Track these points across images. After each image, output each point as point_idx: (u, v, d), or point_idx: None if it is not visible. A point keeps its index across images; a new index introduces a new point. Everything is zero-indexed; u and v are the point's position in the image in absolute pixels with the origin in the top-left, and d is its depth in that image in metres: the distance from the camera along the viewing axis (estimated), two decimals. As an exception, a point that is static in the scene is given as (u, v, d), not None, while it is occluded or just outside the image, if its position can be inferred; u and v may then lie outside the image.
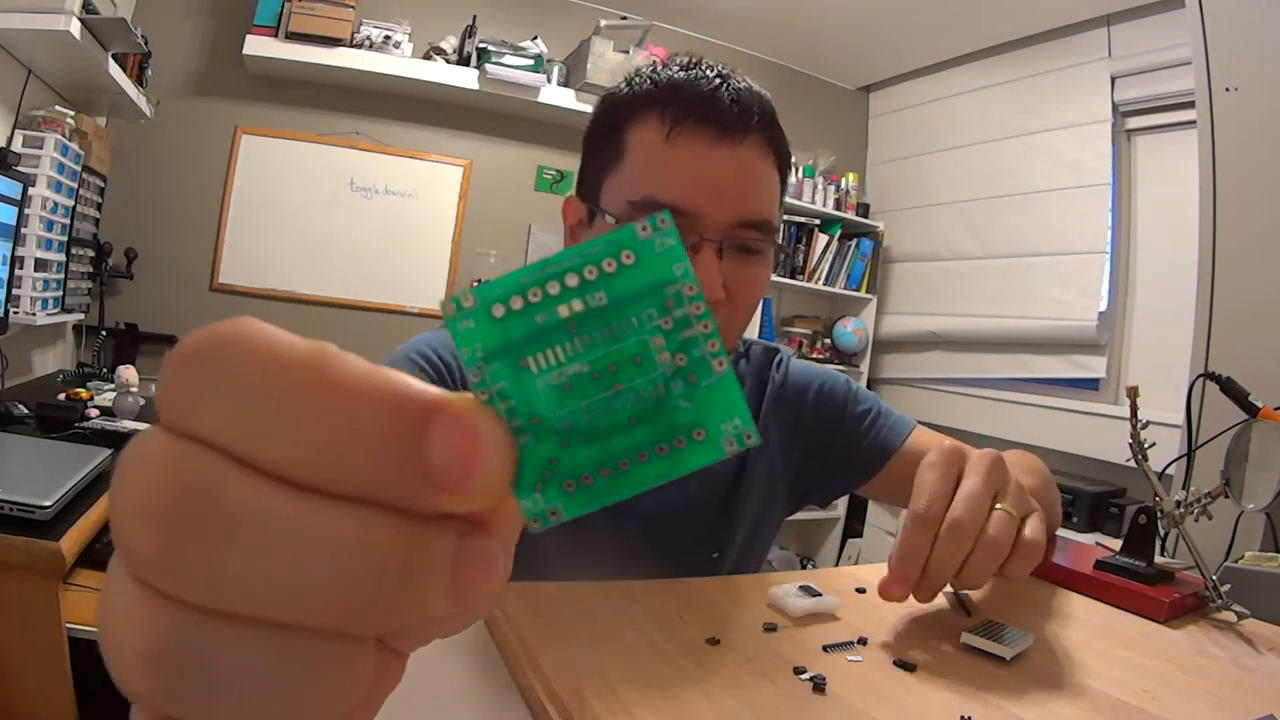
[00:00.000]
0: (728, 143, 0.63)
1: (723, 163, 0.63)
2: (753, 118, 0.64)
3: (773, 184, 0.67)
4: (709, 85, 0.64)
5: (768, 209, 0.66)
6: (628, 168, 0.65)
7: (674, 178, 0.63)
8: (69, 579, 1.16)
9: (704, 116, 0.63)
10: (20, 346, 2.09)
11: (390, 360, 0.69)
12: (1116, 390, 2.71)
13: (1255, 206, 1.44)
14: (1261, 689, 0.47)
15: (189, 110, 2.75)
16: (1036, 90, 2.97)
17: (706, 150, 0.63)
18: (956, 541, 0.47)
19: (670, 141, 0.63)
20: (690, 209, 0.62)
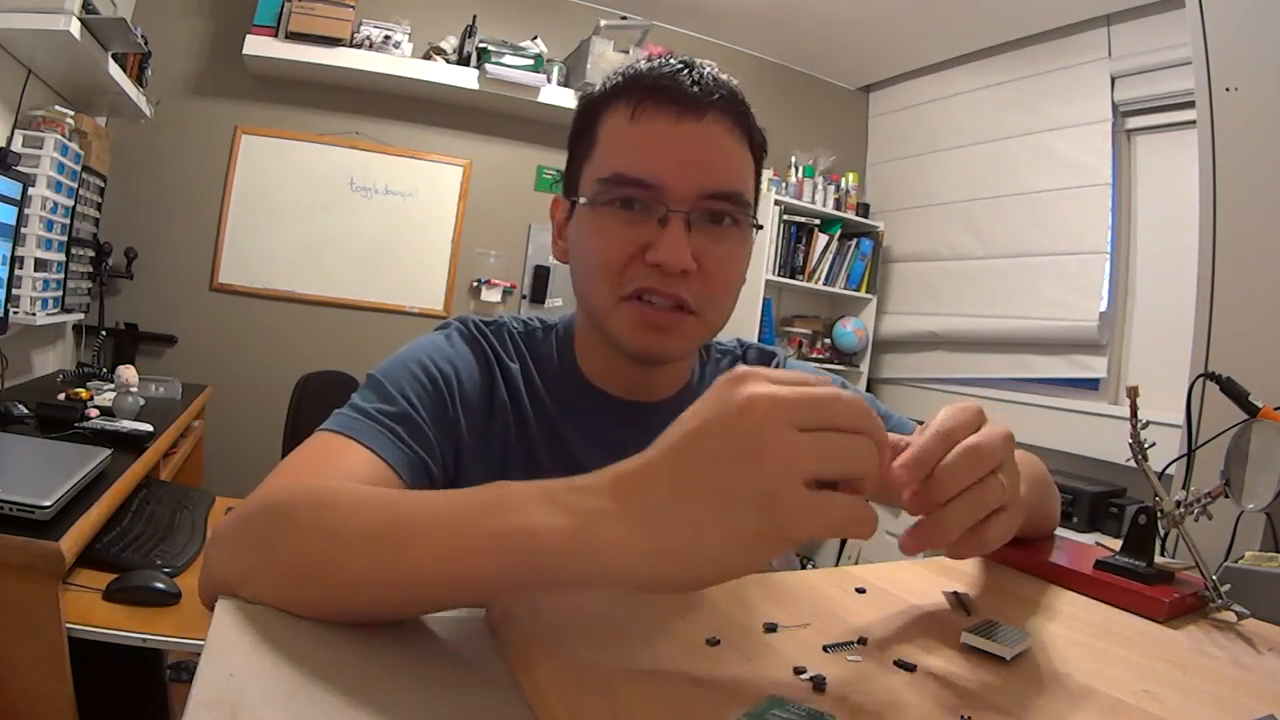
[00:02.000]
0: (690, 117, 0.65)
1: (686, 136, 0.65)
2: (713, 94, 0.66)
3: (741, 159, 0.68)
4: (670, 69, 0.66)
5: (737, 182, 0.67)
6: (599, 153, 0.68)
7: (639, 152, 0.65)
8: (69, 579, 1.16)
9: (666, 95, 0.65)
10: (20, 346, 2.09)
11: (390, 367, 0.68)
12: (1117, 390, 2.72)
13: (1255, 206, 1.44)
14: (1261, 689, 0.47)
15: (189, 110, 2.75)
16: (1036, 90, 2.97)
17: (670, 125, 0.65)
18: (968, 462, 0.45)
19: (634, 120, 0.65)
20: (655, 181, 0.64)
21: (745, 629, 0.48)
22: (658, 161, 0.64)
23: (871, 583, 0.60)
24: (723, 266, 0.67)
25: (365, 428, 0.62)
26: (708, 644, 0.44)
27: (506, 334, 0.77)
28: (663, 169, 0.64)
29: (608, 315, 0.67)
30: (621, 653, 0.42)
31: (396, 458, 0.61)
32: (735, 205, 0.67)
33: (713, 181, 0.65)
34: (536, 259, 3.22)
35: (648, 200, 0.64)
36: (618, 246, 0.65)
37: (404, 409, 0.64)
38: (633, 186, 0.65)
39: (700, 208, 0.65)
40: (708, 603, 0.52)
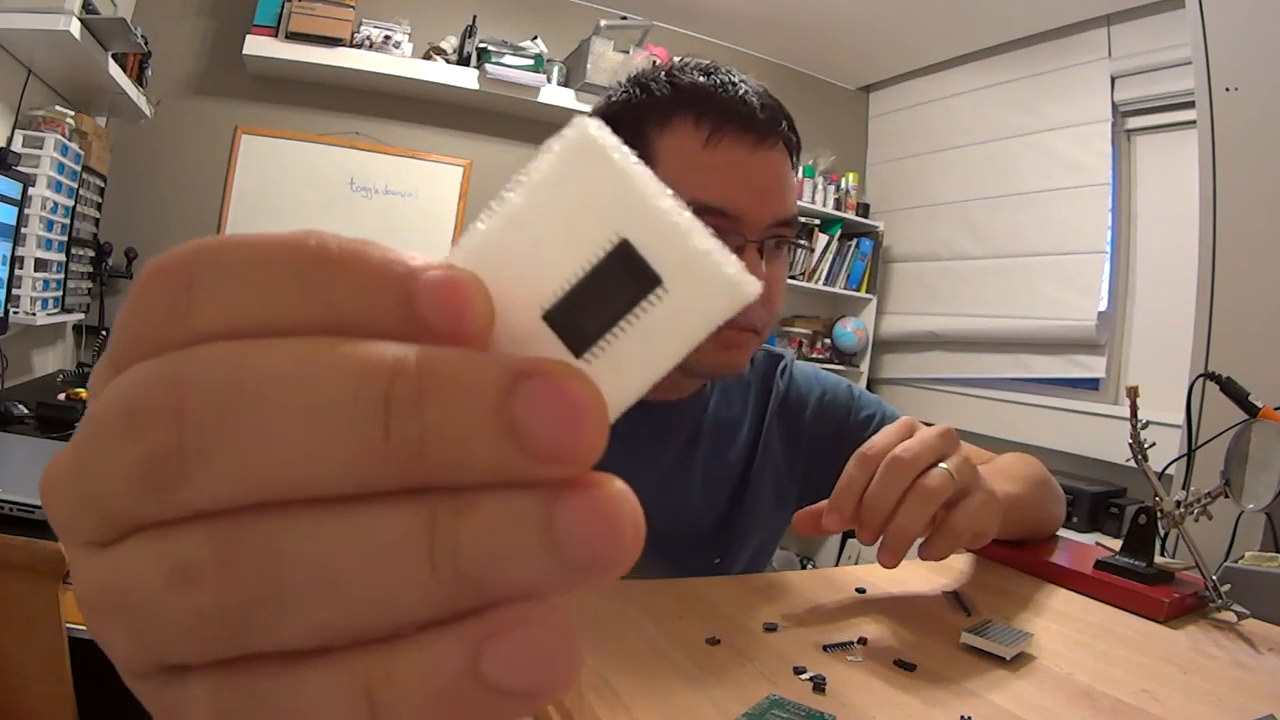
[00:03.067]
0: (765, 146, 0.66)
1: (761, 166, 0.66)
2: (780, 123, 0.67)
3: (793, 182, 0.71)
4: (736, 91, 0.66)
5: (794, 206, 0.70)
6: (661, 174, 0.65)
7: (717, 181, 0.65)
8: (69, 579, 1.16)
9: (743, 123, 0.65)
10: (20, 346, 2.09)
11: None
12: (1116, 390, 2.72)
13: (1255, 206, 1.44)
14: (1261, 689, 0.47)
15: (189, 110, 2.75)
16: (1036, 90, 2.97)
17: (748, 154, 0.65)
18: (891, 476, 0.47)
19: (710, 146, 0.65)
20: (735, 211, 0.65)
21: (745, 629, 0.48)
22: (738, 191, 0.65)
23: (871, 583, 0.60)
24: (778, 287, 0.71)
25: None
26: (708, 644, 0.44)
27: None
28: (743, 199, 0.65)
29: None
30: (621, 653, 0.42)
31: None
32: (793, 229, 0.69)
33: (782, 210, 0.67)
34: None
35: (725, 229, 0.65)
36: None
37: None
38: (712, 215, 0.64)
39: (769, 235, 0.66)
40: (708, 603, 0.52)
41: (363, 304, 0.13)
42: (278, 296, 0.12)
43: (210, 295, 0.13)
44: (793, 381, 0.85)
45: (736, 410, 0.81)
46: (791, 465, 0.83)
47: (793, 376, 0.85)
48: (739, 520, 0.78)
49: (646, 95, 0.68)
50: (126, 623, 0.13)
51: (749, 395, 0.83)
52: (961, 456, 0.53)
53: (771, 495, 0.80)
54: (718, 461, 0.78)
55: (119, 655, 0.14)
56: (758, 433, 0.81)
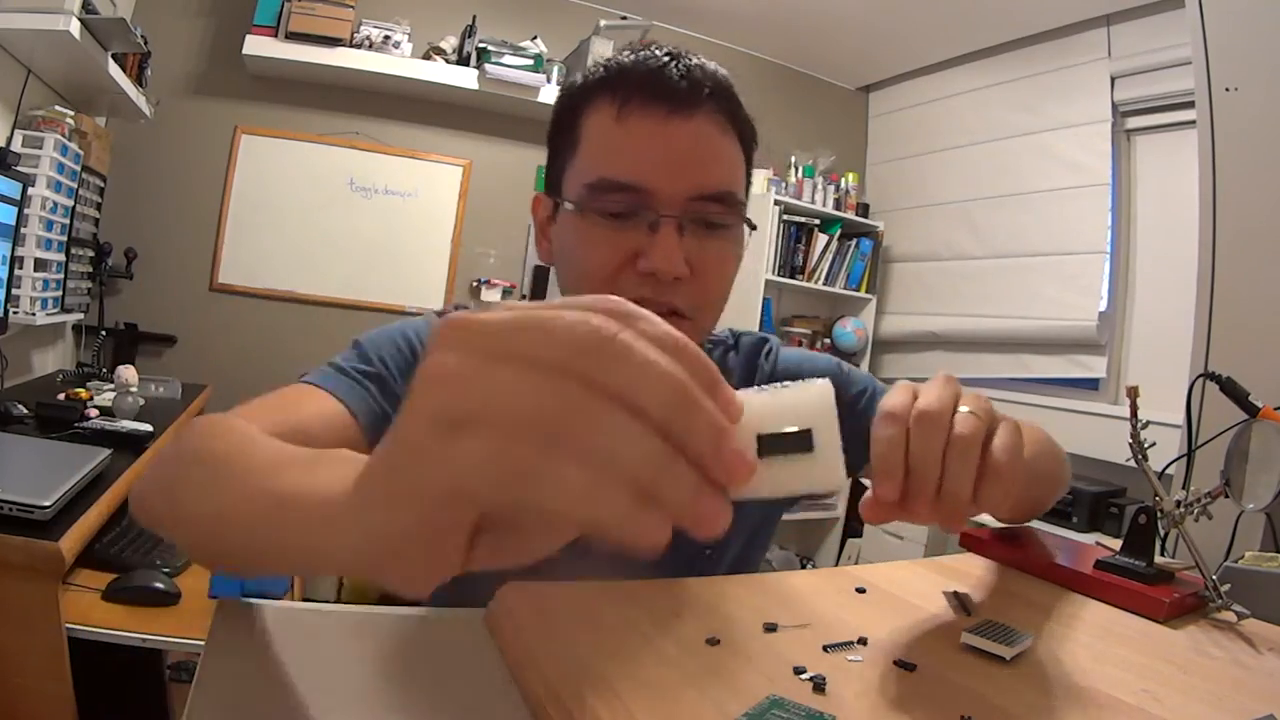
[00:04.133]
0: (680, 115, 0.62)
1: (675, 136, 0.62)
2: (703, 90, 0.63)
3: (732, 156, 0.66)
4: (656, 63, 0.63)
5: (728, 181, 0.65)
6: (582, 154, 0.65)
7: (626, 155, 0.62)
8: (68, 579, 1.16)
9: (653, 92, 0.62)
10: (20, 346, 2.09)
11: (375, 334, 0.69)
12: (1116, 390, 2.72)
13: (1255, 206, 1.44)
14: (1261, 689, 0.47)
15: (189, 110, 2.75)
16: (1036, 90, 2.97)
17: (658, 125, 0.62)
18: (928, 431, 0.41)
19: (621, 121, 0.62)
20: (644, 185, 0.61)
21: (745, 629, 0.48)
22: (646, 164, 0.62)
23: (871, 583, 0.60)
24: (719, 269, 0.65)
25: (336, 379, 0.62)
26: (708, 644, 0.44)
27: None
28: (652, 172, 0.61)
29: None
30: (621, 653, 0.42)
31: (361, 408, 0.61)
32: (727, 206, 0.64)
33: (704, 183, 0.63)
34: (536, 259, 3.21)
35: (637, 205, 0.62)
36: (607, 255, 0.63)
37: (378, 370, 0.65)
38: (621, 192, 0.62)
39: (692, 211, 0.62)
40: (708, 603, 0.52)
41: (690, 438, 0.25)
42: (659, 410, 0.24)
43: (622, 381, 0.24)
44: (779, 362, 0.82)
45: None
46: None
47: (778, 358, 0.83)
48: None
49: (582, 81, 0.67)
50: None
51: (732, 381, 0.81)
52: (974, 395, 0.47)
53: None
54: None
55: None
56: None
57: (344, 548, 0.30)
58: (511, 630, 0.43)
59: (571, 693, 0.36)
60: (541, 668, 0.39)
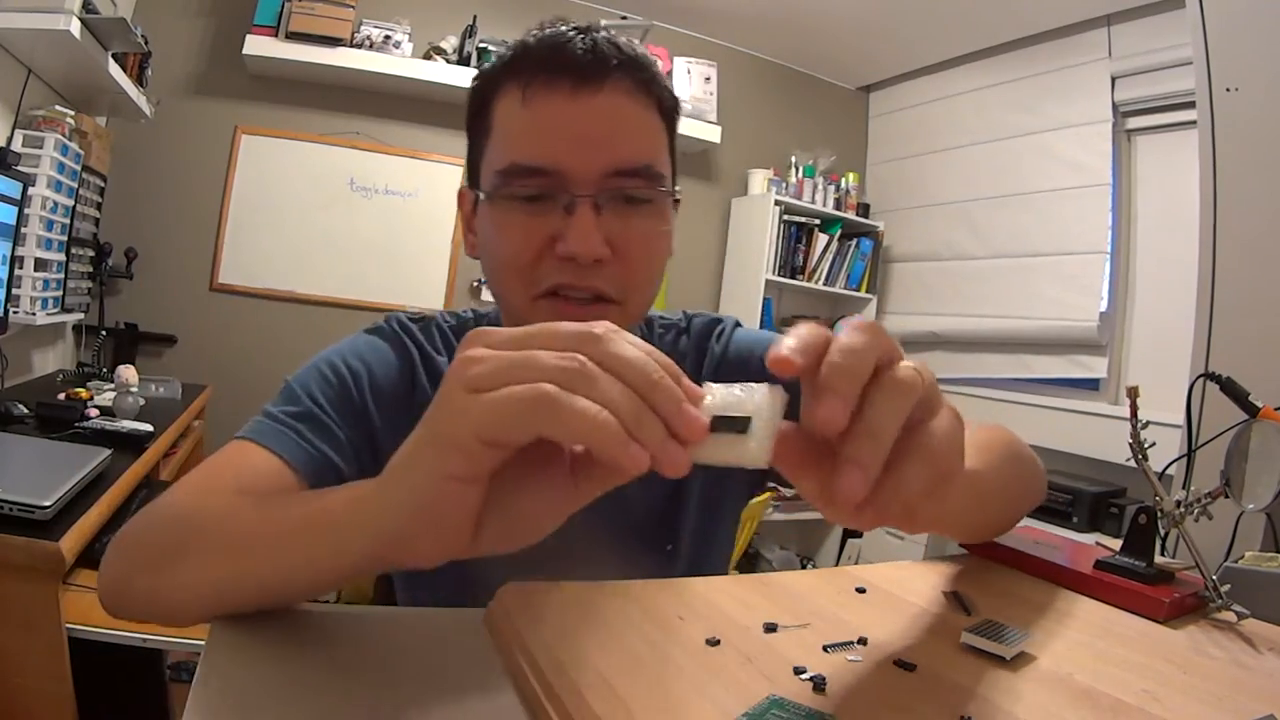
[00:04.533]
0: (586, 91, 0.59)
1: (583, 112, 0.59)
2: (610, 62, 0.60)
3: (648, 128, 0.63)
4: (560, 39, 0.60)
5: (645, 154, 0.61)
6: (494, 141, 0.63)
7: (533, 138, 0.60)
8: (69, 579, 1.16)
9: (556, 69, 0.59)
10: (20, 346, 2.09)
11: (301, 371, 0.68)
12: (1117, 390, 2.72)
13: (1255, 206, 1.44)
14: (1261, 689, 0.47)
15: (189, 110, 2.75)
16: (1037, 90, 2.97)
17: (564, 102, 0.59)
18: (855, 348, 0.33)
19: (526, 103, 0.60)
20: (554, 166, 0.59)
21: (745, 629, 0.48)
22: (554, 145, 0.59)
23: (871, 583, 0.60)
24: (641, 248, 0.62)
25: (270, 431, 0.62)
26: (708, 644, 0.44)
27: (435, 328, 0.75)
28: (560, 152, 0.59)
29: (525, 315, 0.62)
30: (621, 653, 0.42)
31: (297, 456, 0.60)
32: (646, 180, 0.61)
33: (618, 158, 0.59)
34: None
35: (550, 188, 0.59)
36: (524, 242, 0.60)
37: (307, 408, 0.64)
38: (531, 176, 0.59)
39: (607, 188, 0.59)
40: (708, 603, 0.52)
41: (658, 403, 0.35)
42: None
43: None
44: (731, 344, 0.78)
45: None
46: None
47: (730, 339, 0.79)
48: (682, 499, 0.73)
49: (490, 68, 0.64)
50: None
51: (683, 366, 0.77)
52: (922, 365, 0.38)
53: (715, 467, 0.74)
54: None
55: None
56: None
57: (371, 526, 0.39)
58: (510, 630, 0.43)
59: (570, 693, 0.36)
60: (540, 668, 0.39)
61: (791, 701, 0.38)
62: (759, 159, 3.47)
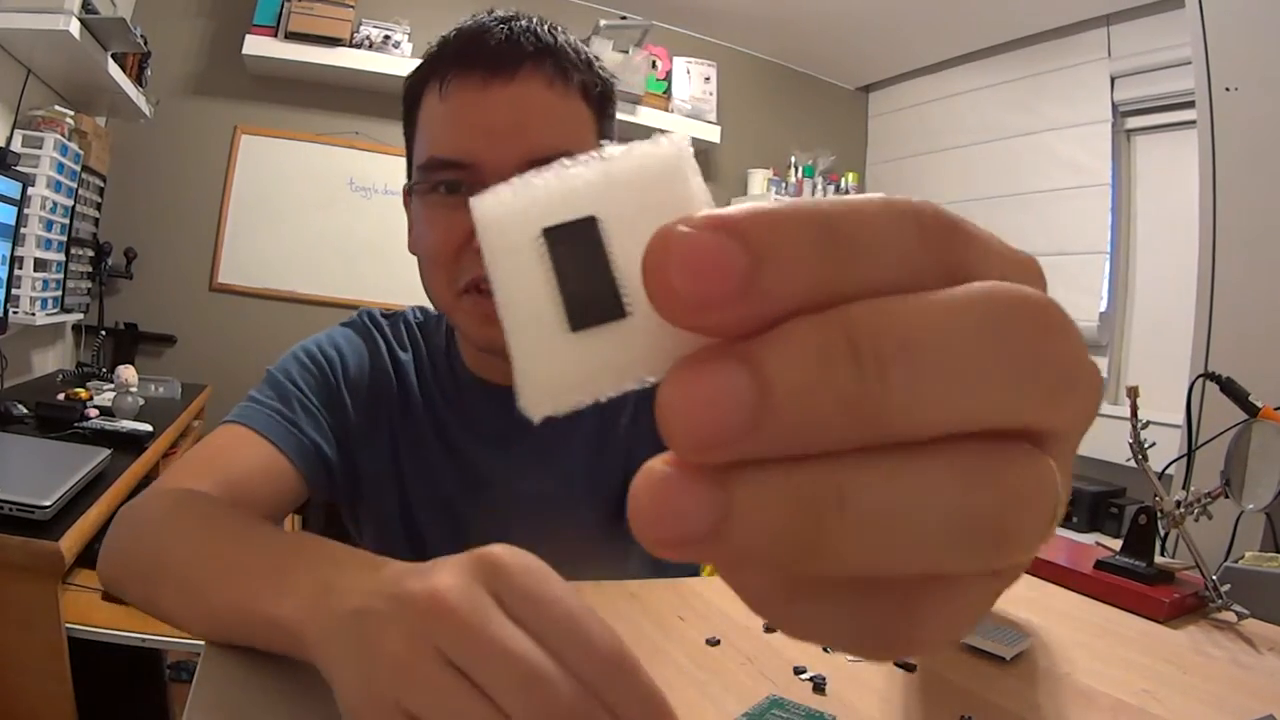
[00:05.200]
0: (498, 80, 0.58)
1: (494, 102, 0.58)
2: (525, 49, 0.59)
3: (568, 114, 0.61)
4: (479, 31, 0.60)
5: (564, 141, 0.59)
6: (418, 137, 0.64)
7: (448, 130, 0.59)
8: (68, 579, 1.16)
9: (470, 61, 0.58)
10: (20, 346, 2.09)
11: (282, 360, 0.70)
12: (1116, 390, 2.71)
13: (1255, 206, 1.44)
14: (1261, 689, 0.47)
15: (189, 110, 2.75)
16: (1036, 90, 2.97)
17: (475, 94, 0.58)
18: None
19: (443, 97, 0.60)
20: (469, 159, 0.58)
21: (745, 629, 0.48)
22: (467, 137, 0.58)
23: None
24: None
25: (257, 414, 0.64)
26: (708, 644, 0.44)
27: (402, 323, 0.77)
28: (473, 144, 0.58)
29: (452, 312, 0.63)
30: (621, 653, 0.42)
31: (285, 440, 0.63)
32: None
33: (531, 148, 0.58)
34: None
35: (467, 181, 0.59)
36: (443, 235, 0.60)
37: (290, 392, 0.66)
38: (448, 169, 0.59)
39: None
40: (708, 603, 0.52)
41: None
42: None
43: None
44: None
45: None
46: None
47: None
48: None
49: (419, 66, 0.64)
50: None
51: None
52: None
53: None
54: (606, 439, 0.71)
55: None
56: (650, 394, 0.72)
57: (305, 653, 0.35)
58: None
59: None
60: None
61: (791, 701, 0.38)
62: (758, 159, 3.47)
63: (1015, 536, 0.13)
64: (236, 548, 0.46)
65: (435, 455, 0.70)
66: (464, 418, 0.71)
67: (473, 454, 0.70)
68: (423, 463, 0.70)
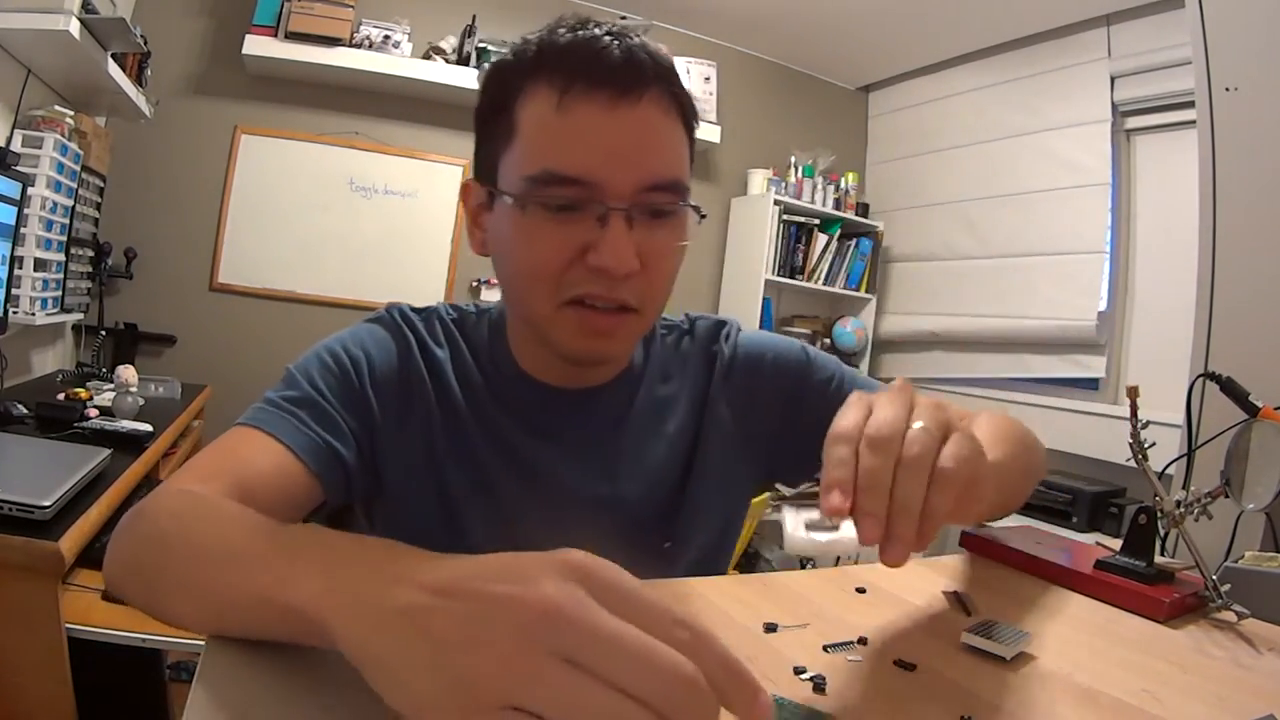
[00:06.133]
0: (625, 104, 0.59)
1: (621, 125, 0.59)
2: (647, 73, 0.60)
3: (678, 142, 0.63)
4: (597, 44, 0.59)
5: (675, 168, 0.62)
6: (520, 143, 0.61)
7: (570, 147, 0.59)
8: (68, 579, 1.16)
9: (595, 79, 0.58)
10: (20, 346, 2.09)
11: (303, 359, 0.68)
12: (1116, 390, 2.72)
13: (1255, 206, 1.44)
14: (1261, 689, 0.47)
15: (188, 110, 2.75)
16: (1036, 90, 2.97)
17: (602, 113, 0.59)
18: (878, 452, 0.41)
19: (562, 109, 0.59)
20: (590, 178, 0.58)
21: (745, 629, 0.48)
22: (592, 156, 0.58)
23: (871, 583, 0.60)
24: (664, 260, 0.63)
25: (272, 417, 0.62)
26: (708, 644, 0.44)
27: (436, 320, 0.74)
28: (598, 165, 0.58)
29: (548, 322, 0.63)
30: (621, 653, 0.42)
31: (300, 443, 0.61)
32: (674, 194, 0.62)
33: (652, 173, 0.60)
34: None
35: (583, 199, 0.59)
36: (554, 251, 0.60)
37: (308, 394, 0.64)
38: (565, 185, 0.59)
39: (640, 202, 0.60)
40: (708, 603, 0.52)
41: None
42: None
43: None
44: (739, 346, 0.79)
45: (674, 384, 0.77)
46: (743, 435, 0.77)
47: (738, 341, 0.80)
48: (687, 499, 0.74)
49: (514, 60, 0.63)
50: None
51: (687, 367, 0.78)
52: (926, 403, 0.47)
53: (720, 468, 0.75)
54: (656, 440, 0.74)
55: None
56: (702, 401, 0.76)
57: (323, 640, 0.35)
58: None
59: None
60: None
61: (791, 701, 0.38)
62: (758, 159, 3.47)
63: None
64: (243, 535, 0.44)
65: (480, 447, 0.69)
66: (511, 411, 0.71)
67: (519, 445, 0.70)
68: (464, 454, 0.69)
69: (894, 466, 0.40)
